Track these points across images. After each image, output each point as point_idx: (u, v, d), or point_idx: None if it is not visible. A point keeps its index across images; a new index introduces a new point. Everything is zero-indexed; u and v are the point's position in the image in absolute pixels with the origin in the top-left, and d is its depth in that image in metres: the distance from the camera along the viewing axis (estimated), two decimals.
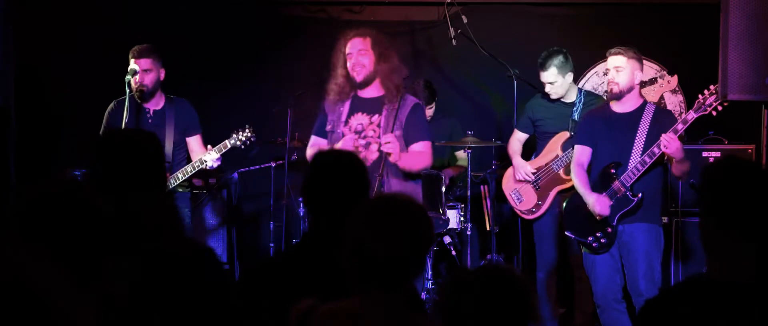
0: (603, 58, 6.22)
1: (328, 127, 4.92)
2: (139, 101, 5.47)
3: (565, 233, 5.14)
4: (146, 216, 2.53)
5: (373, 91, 4.86)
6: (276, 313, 2.53)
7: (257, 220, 6.83)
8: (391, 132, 4.69)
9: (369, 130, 4.82)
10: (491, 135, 6.69)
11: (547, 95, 5.78)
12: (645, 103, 5.07)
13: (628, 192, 4.89)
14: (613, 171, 4.94)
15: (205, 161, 5.38)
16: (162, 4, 6.65)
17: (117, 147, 2.64)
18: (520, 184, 5.85)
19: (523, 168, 5.81)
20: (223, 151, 5.41)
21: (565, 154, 5.62)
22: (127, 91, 5.41)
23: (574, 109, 5.72)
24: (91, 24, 6.64)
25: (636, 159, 4.90)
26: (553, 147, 5.76)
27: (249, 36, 6.83)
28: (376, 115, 4.78)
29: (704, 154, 5.86)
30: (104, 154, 2.63)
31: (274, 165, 6.31)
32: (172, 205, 3.30)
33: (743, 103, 4.77)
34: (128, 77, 5.39)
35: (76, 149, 6.15)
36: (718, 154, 5.89)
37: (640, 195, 4.88)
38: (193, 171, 5.44)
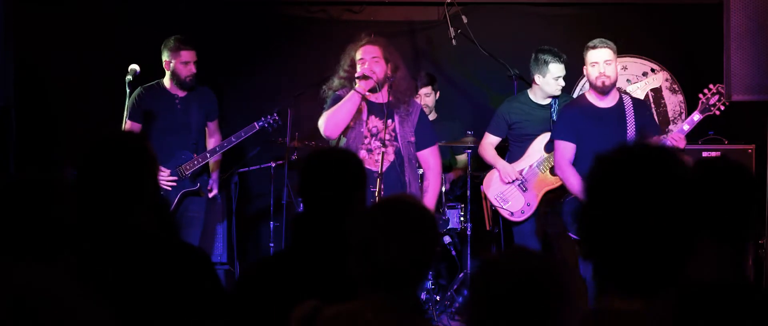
0: None
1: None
2: (183, 89, 5.73)
3: (569, 235, 5.10)
4: (141, 222, 2.53)
5: (381, 97, 4.91)
6: (274, 313, 2.51)
7: (257, 220, 6.82)
8: (407, 136, 4.86)
9: (385, 134, 4.84)
10: None
11: (521, 97, 5.81)
12: (621, 95, 5.05)
13: None
14: None
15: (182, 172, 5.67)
16: (162, 4, 6.64)
17: (108, 153, 2.62)
18: (506, 187, 5.85)
19: (510, 171, 5.79)
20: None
21: (550, 155, 5.63)
22: (128, 90, 5.42)
23: (552, 110, 5.73)
24: (91, 24, 6.62)
25: None
26: (536, 148, 5.76)
27: (249, 36, 6.82)
28: (389, 120, 4.86)
29: (704, 154, 5.86)
30: (95, 159, 2.61)
31: (273, 165, 6.30)
32: (166, 211, 3.28)
33: (743, 103, 4.77)
34: (128, 77, 5.41)
35: (76, 149, 6.12)
36: (718, 154, 5.89)
37: None
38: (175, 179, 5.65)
